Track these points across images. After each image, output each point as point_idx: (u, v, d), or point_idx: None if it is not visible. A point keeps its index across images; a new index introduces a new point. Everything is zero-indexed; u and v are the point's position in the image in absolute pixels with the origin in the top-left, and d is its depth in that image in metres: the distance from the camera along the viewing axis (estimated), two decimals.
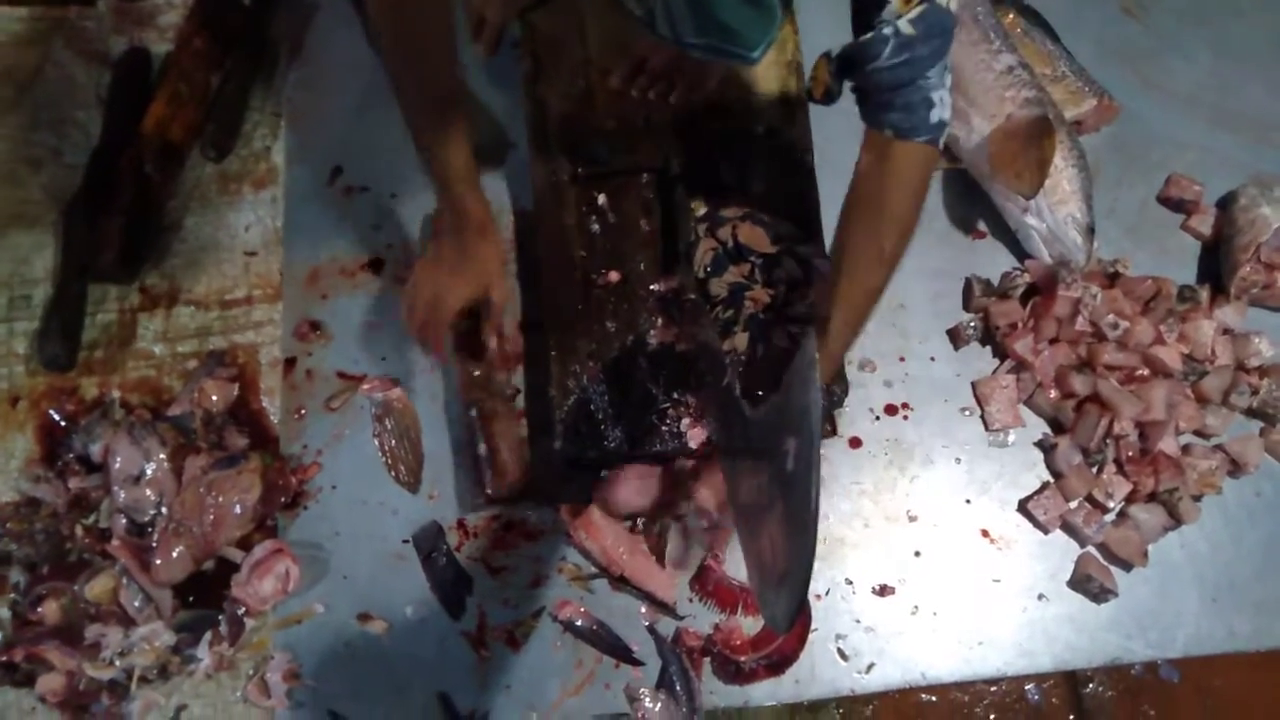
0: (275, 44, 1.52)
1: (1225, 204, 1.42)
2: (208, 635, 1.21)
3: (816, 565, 0.69)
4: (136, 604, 1.21)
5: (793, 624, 0.67)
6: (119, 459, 1.24)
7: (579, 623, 1.21)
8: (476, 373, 1.29)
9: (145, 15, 1.54)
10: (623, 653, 1.21)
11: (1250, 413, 1.32)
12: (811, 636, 1.22)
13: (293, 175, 1.45)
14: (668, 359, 1.24)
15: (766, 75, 1.37)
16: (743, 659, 1.19)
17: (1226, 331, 1.33)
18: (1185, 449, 1.29)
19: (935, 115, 0.92)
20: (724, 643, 1.20)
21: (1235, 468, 1.29)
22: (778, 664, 1.20)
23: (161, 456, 1.24)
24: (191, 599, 1.24)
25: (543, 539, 1.26)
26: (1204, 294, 1.35)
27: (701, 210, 1.29)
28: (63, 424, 1.32)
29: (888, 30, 0.86)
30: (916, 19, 0.86)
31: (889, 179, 0.96)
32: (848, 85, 0.96)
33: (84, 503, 1.26)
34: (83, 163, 1.43)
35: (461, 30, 1.50)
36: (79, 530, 1.25)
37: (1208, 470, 1.27)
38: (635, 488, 1.20)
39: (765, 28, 0.84)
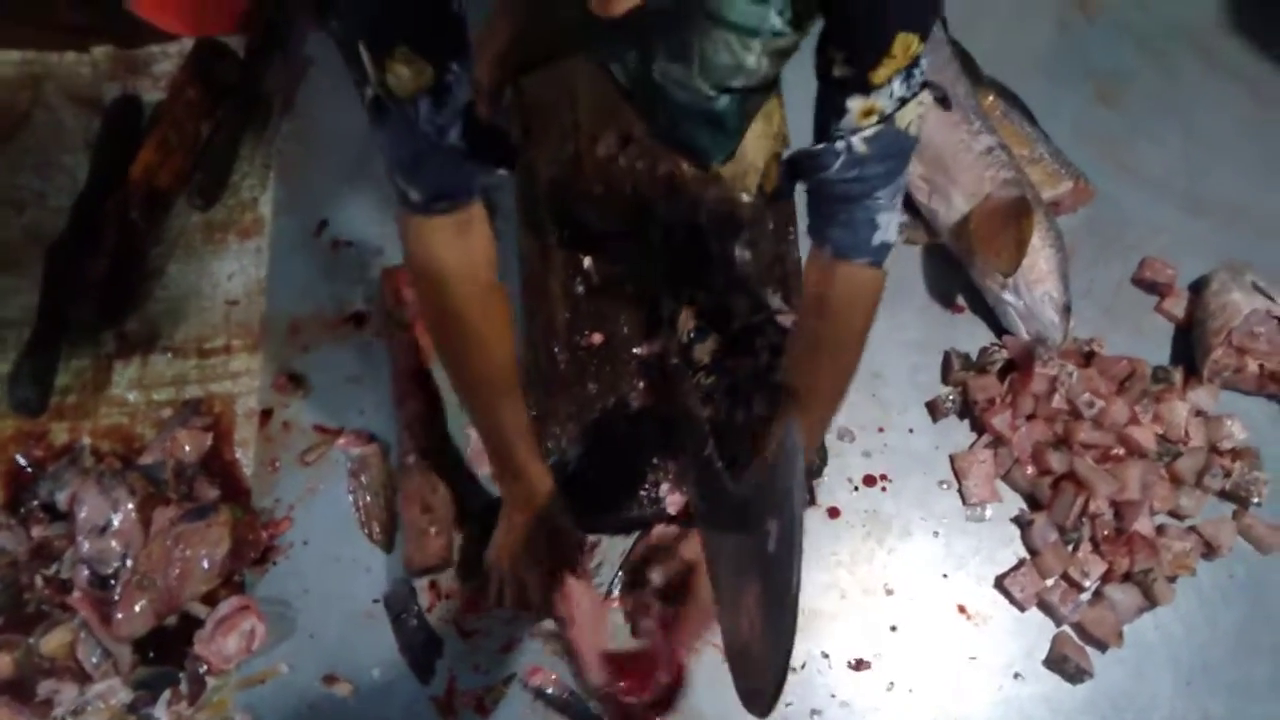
0: (268, 96, 1.54)
1: (1198, 288, 1.45)
2: (167, 694, 1.17)
3: None
4: (94, 659, 1.17)
5: (771, 710, 0.66)
6: (85, 508, 1.21)
7: (550, 690, 1.19)
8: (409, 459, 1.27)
9: (140, 63, 1.56)
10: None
11: (1223, 495, 1.33)
12: (787, 711, 1.20)
13: (279, 226, 1.46)
14: (649, 423, 1.24)
15: (754, 146, 1.40)
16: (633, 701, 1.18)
17: (1200, 413, 1.35)
18: (1160, 529, 1.30)
19: (878, 238, 0.89)
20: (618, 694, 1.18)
21: (1209, 549, 1.30)
22: (666, 702, 1.19)
23: (130, 507, 1.21)
24: (151, 655, 1.21)
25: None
26: (1178, 376, 1.37)
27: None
28: (29, 470, 1.30)
29: (840, 144, 0.83)
30: (871, 138, 0.82)
31: (833, 304, 0.94)
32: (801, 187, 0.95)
33: (46, 552, 1.23)
34: (67, 206, 1.44)
35: None
36: (39, 580, 1.22)
37: (1182, 551, 1.27)
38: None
39: (725, 146, 0.87)
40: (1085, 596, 1.27)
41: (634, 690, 1.17)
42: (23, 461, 1.30)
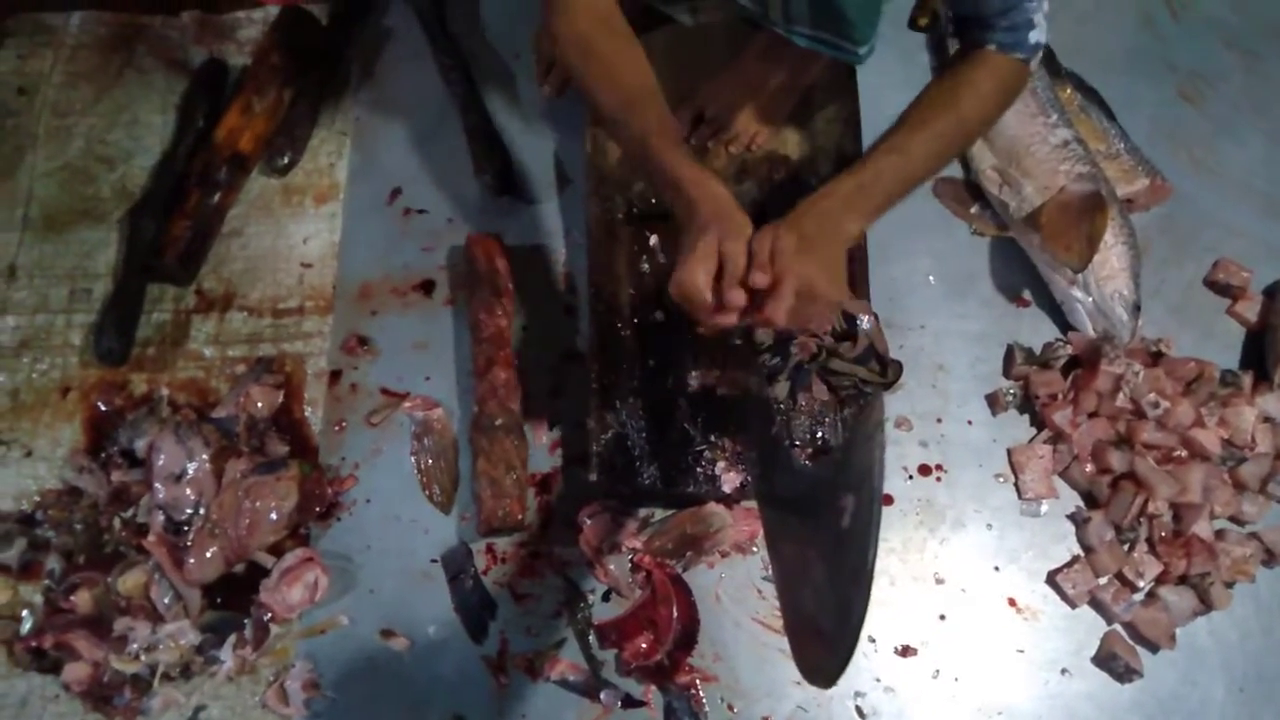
0: (348, 65, 1.57)
1: (1272, 292, 1.42)
2: (232, 638, 1.22)
3: None
4: (166, 601, 1.22)
5: (836, 681, 0.67)
6: (162, 456, 1.26)
7: (571, 678, 1.22)
8: (475, 409, 1.31)
9: (226, 28, 1.60)
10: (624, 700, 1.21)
11: None
12: (831, 693, 1.22)
13: (354, 192, 1.49)
14: (708, 402, 1.26)
15: (825, 130, 1.40)
16: (658, 656, 1.20)
17: (1268, 420, 1.33)
18: (1219, 534, 1.28)
19: (1034, 36, 0.96)
20: (638, 659, 1.21)
21: (1270, 557, 1.28)
22: (685, 641, 1.21)
23: (204, 457, 1.26)
24: (219, 600, 1.26)
25: (569, 570, 1.27)
26: (1246, 380, 1.35)
27: None
28: (110, 417, 1.35)
29: None
30: None
31: (979, 69, 0.99)
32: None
33: (124, 496, 1.28)
34: (154, 165, 1.49)
35: (529, 71, 1.55)
36: (117, 523, 1.27)
37: (1241, 557, 1.26)
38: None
39: (874, 19, 0.88)
40: (1138, 597, 1.26)
41: (648, 647, 1.20)
42: (104, 409, 1.36)
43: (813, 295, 0.93)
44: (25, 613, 1.24)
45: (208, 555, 1.22)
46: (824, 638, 0.70)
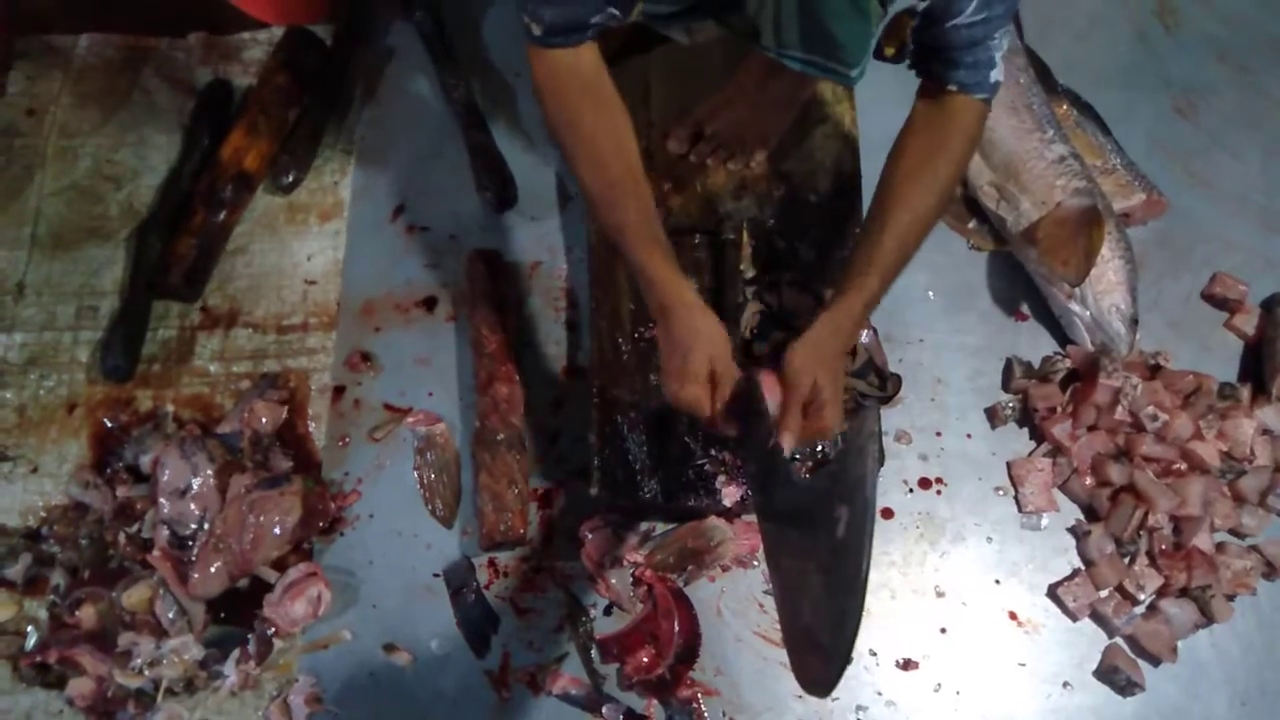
0: (351, 85, 1.59)
1: (1269, 305, 1.43)
2: (236, 653, 1.22)
3: None
4: (170, 615, 1.23)
5: (832, 690, 0.68)
6: (167, 471, 1.27)
7: (573, 692, 1.22)
8: (477, 424, 1.31)
9: (231, 50, 1.62)
10: (625, 714, 1.21)
11: None
12: (833, 705, 1.22)
13: (357, 210, 1.51)
14: None
15: (822, 146, 1.41)
16: (660, 670, 1.21)
17: (1266, 432, 1.33)
18: (1220, 547, 1.29)
19: (994, 76, 0.99)
20: (640, 673, 1.21)
21: (1270, 569, 1.28)
22: (687, 655, 1.22)
23: (208, 472, 1.27)
24: (223, 615, 1.27)
25: (571, 584, 1.28)
26: (1245, 393, 1.36)
27: (750, 273, 1.33)
28: (116, 433, 1.36)
29: None
30: None
31: (948, 124, 1.02)
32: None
33: (129, 512, 1.29)
34: (160, 184, 1.51)
35: (530, 89, 1.56)
36: (122, 538, 1.28)
37: (1242, 570, 1.26)
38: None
39: (865, 43, 0.89)
40: (1139, 610, 1.26)
41: (650, 661, 1.20)
42: (110, 425, 1.37)
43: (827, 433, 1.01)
44: (30, 628, 1.25)
45: (212, 570, 1.23)
46: (821, 649, 0.70)
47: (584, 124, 1.02)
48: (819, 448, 1.22)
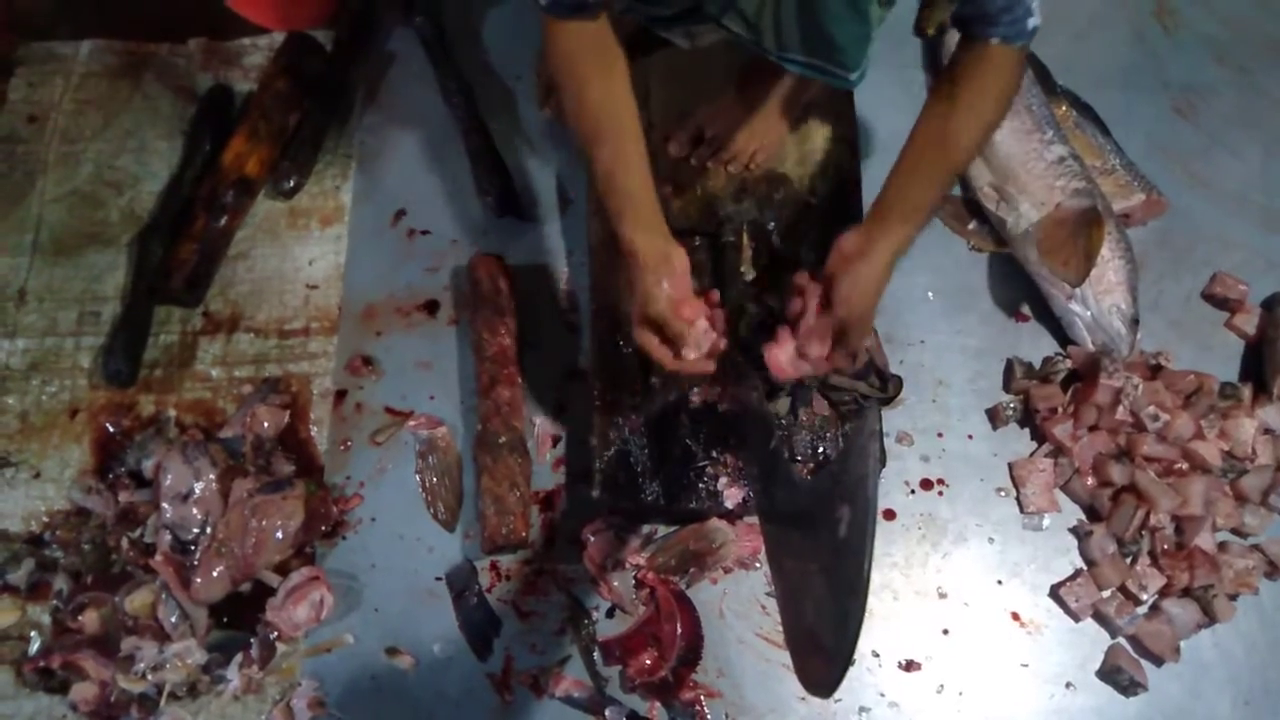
0: (352, 90, 1.59)
1: (1270, 304, 1.43)
2: (238, 657, 1.23)
3: None
4: (173, 620, 1.23)
5: (835, 689, 0.68)
6: (169, 476, 1.27)
7: (576, 695, 1.22)
8: (479, 427, 1.32)
9: (232, 55, 1.63)
10: (628, 716, 1.22)
11: None
12: (836, 707, 1.22)
13: (358, 215, 1.51)
14: (709, 418, 1.26)
15: (823, 148, 1.42)
16: (662, 672, 1.21)
17: (1268, 431, 1.33)
18: (1222, 546, 1.28)
19: (1032, 23, 0.99)
20: (642, 675, 1.21)
21: (1273, 569, 1.28)
22: (689, 657, 1.22)
23: (211, 477, 1.27)
24: (226, 620, 1.27)
25: (573, 587, 1.28)
26: (1246, 392, 1.36)
27: (751, 275, 1.33)
28: (118, 438, 1.37)
29: None
30: None
31: (991, 72, 1.02)
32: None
33: (132, 517, 1.29)
34: (161, 190, 1.51)
35: (531, 94, 1.57)
36: (125, 543, 1.28)
37: (1244, 569, 1.26)
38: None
39: (864, 46, 0.90)
40: (1142, 610, 1.26)
41: (653, 664, 1.20)
42: (112, 430, 1.37)
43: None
44: (33, 633, 1.25)
45: (214, 574, 1.23)
46: (824, 650, 0.70)
47: (579, 70, 1.05)
48: (820, 449, 1.22)
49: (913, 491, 1.34)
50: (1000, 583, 1.29)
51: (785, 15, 0.89)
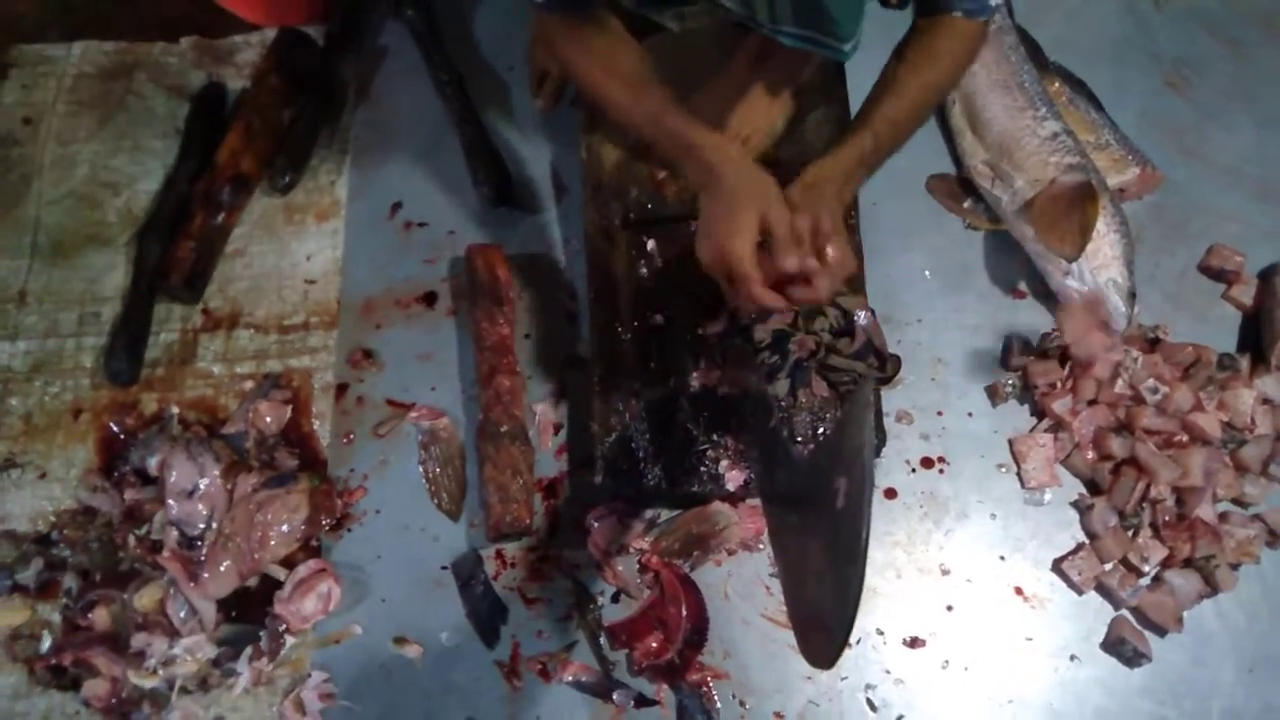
0: (344, 85, 1.59)
1: (1267, 275, 1.43)
2: (248, 650, 1.24)
3: None
4: (182, 615, 1.24)
5: (836, 660, 0.68)
6: (174, 473, 1.28)
7: (583, 679, 1.23)
8: (480, 417, 1.32)
9: (224, 53, 1.63)
10: (636, 699, 1.22)
11: None
12: (841, 685, 1.23)
13: (355, 209, 1.51)
14: (709, 401, 1.27)
15: (816, 131, 1.42)
16: (669, 655, 1.22)
17: (1266, 401, 1.34)
18: (1223, 516, 1.29)
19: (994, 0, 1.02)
20: (649, 658, 1.22)
21: (1274, 538, 1.28)
22: (695, 639, 1.22)
23: (215, 473, 1.28)
24: (234, 614, 1.27)
25: (578, 573, 1.28)
26: (1244, 363, 1.36)
27: None
28: (122, 437, 1.37)
29: None
30: None
31: (948, 37, 1.04)
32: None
33: (138, 514, 1.30)
34: (158, 189, 1.51)
35: (524, 84, 1.57)
36: (132, 540, 1.29)
37: (1245, 539, 1.26)
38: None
39: (857, 16, 0.90)
40: (1144, 581, 1.27)
41: (659, 647, 1.21)
42: (116, 429, 1.38)
43: (845, 268, 0.97)
44: (44, 632, 1.26)
45: (222, 569, 1.24)
46: (825, 623, 0.71)
47: (597, 42, 1.05)
48: (819, 430, 1.23)
49: (914, 470, 1.34)
50: (1003, 558, 1.30)
51: None
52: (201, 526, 1.27)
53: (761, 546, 1.28)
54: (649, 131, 1.04)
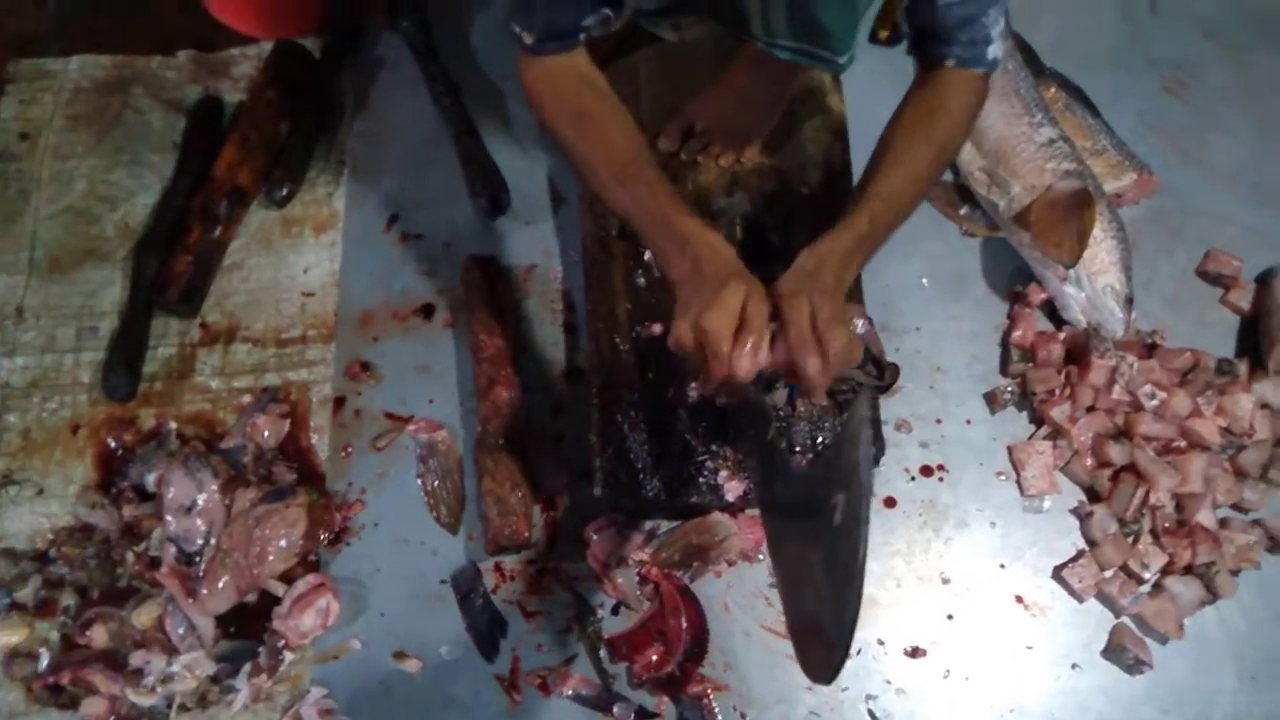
0: (341, 97, 1.60)
1: (1264, 279, 1.43)
2: (247, 666, 1.23)
3: None
4: (180, 632, 1.24)
5: (836, 675, 0.68)
6: (172, 489, 1.28)
7: (584, 692, 1.23)
8: (478, 429, 1.32)
9: (220, 66, 1.63)
10: (637, 712, 1.22)
11: None
12: (842, 695, 1.23)
13: (352, 221, 1.51)
14: (708, 412, 1.27)
15: (813, 139, 1.42)
16: (669, 667, 1.21)
17: (1265, 406, 1.34)
18: (1223, 522, 1.29)
19: (992, 52, 0.98)
20: (649, 671, 1.22)
21: (1274, 543, 1.28)
22: (695, 651, 1.22)
23: (213, 488, 1.28)
24: (233, 630, 1.27)
25: (578, 586, 1.28)
26: (1242, 368, 1.36)
27: None
28: (120, 453, 1.37)
29: None
30: None
31: (947, 94, 1.01)
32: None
33: (136, 531, 1.30)
34: (155, 203, 1.51)
35: (520, 95, 1.56)
36: (130, 557, 1.28)
37: (1246, 545, 1.26)
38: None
39: (853, 29, 0.89)
40: (1145, 589, 1.26)
41: (659, 659, 1.20)
42: (114, 445, 1.38)
43: (847, 358, 0.91)
44: (42, 650, 1.26)
45: (220, 585, 1.24)
46: (824, 636, 0.71)
47: (589, 112, 1.02)
48: (818, 440, 1.23)
49: (913, 478, 1.34)
50: (1003, 566, 1.29)
51: (773, 1, 0.89)
52: (200, 542, 1.26)
53: (761, 557, 1.28)
54: (634, 214, 1.00)
